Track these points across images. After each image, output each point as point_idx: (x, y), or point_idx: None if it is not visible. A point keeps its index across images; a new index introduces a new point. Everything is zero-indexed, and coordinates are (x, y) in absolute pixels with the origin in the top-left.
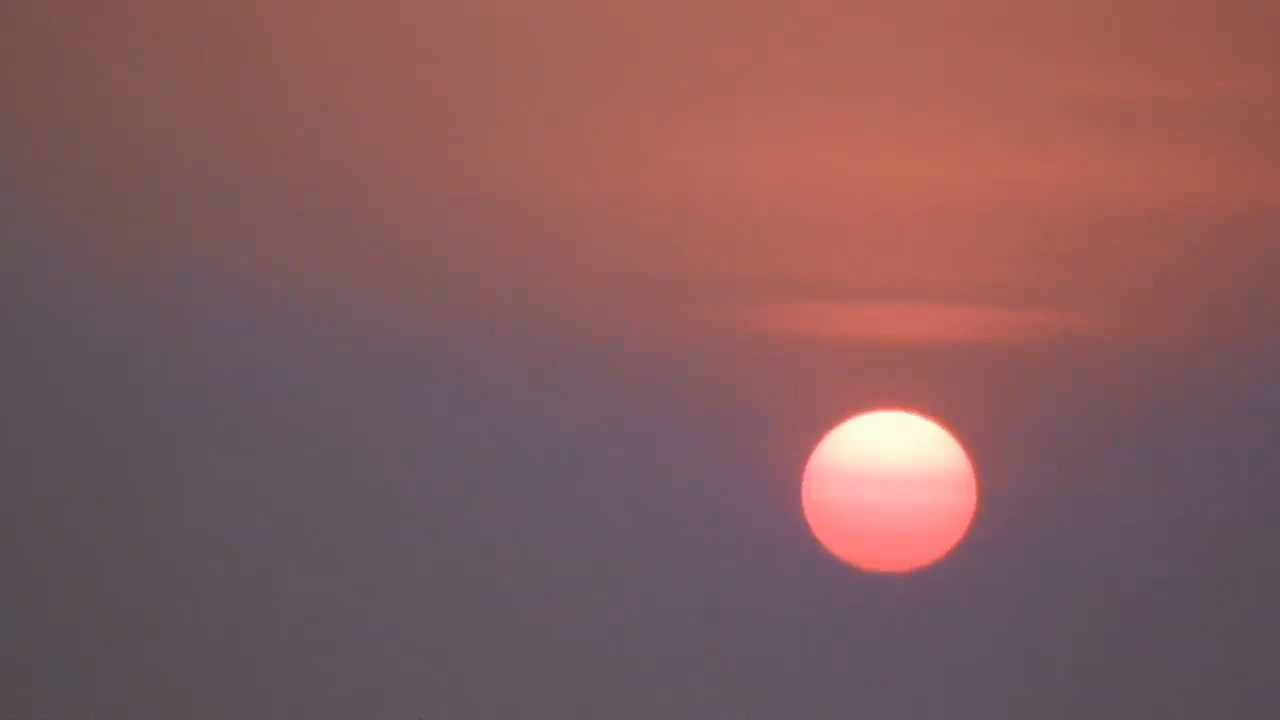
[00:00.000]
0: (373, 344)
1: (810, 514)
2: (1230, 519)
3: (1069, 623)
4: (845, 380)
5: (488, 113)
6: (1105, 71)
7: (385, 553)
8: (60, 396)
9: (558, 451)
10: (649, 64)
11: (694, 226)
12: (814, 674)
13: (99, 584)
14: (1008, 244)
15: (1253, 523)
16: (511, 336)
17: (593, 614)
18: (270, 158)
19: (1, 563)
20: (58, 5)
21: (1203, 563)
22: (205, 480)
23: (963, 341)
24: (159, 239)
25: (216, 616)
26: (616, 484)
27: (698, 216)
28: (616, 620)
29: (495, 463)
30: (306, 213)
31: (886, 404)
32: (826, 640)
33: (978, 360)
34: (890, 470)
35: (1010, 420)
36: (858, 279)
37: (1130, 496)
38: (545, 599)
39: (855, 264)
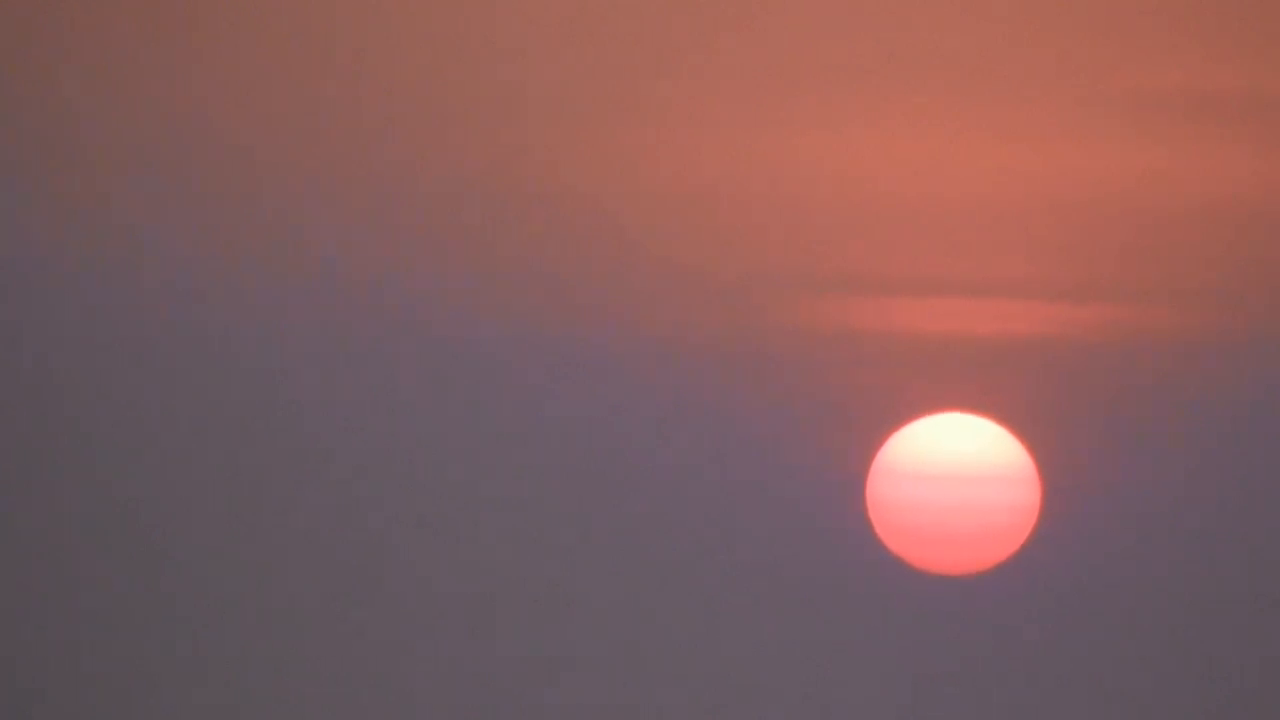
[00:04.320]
0: (425, 339)
1: (875, 513)
2: None
3: (1134, 623)
4: (912, 377)
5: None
6: (1177, 65)
7: (442, 546)
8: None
9: (619, 447)
10: (714, 55)
11: (761, 222)
12: (878, 674)
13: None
14: (1078, 239)
15: None
16: (571, 334)
17: (653, 609)
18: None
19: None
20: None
21: (1270, 559)
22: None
23: (1029, 337)
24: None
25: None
26: (679, 480)
27: (766, 212)
28: (676, 615)
29: (556, 456)
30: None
31: (953, 401)
32: (891, 640)
33: (1045, 356)
34: (955, 469)
35: (1076, 417)
36: (925, 274)
37: (1196, 493)
38: (605, 595)
39: (923, 259)
